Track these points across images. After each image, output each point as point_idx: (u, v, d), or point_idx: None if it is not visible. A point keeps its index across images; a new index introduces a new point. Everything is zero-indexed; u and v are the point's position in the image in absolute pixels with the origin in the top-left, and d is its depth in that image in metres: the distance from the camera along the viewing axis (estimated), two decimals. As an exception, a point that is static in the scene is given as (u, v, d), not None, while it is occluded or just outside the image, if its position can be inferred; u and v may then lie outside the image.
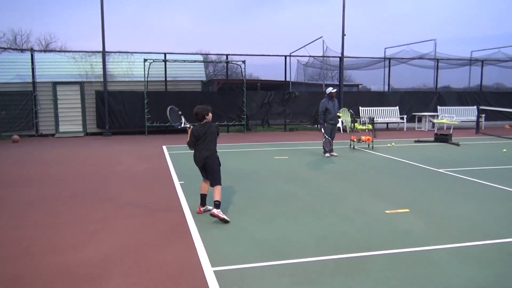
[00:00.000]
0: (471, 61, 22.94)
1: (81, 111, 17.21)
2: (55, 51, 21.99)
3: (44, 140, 15.62)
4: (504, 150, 12.37)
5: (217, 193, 5.77)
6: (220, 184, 5.91)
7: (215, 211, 5.62)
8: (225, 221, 5.58)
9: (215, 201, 5.68)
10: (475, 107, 19.94)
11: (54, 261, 4.42)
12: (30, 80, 16.59)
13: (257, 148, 13.15)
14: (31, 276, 4.08)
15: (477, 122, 18.27)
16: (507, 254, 4.54)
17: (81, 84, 17.10)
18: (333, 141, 11.44)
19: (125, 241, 5.00)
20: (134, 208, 6.42)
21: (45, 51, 28.87)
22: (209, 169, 5.92)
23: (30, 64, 16.63)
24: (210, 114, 6.01)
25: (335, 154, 11.40)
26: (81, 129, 17.25)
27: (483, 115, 19.69)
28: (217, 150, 6.04)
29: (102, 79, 16.85)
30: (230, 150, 12.67)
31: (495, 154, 11.90)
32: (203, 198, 6.12)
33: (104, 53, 16.79)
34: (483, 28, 76.42)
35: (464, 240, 4.92)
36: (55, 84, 16.90)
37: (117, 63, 17.80)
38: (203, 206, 6.12)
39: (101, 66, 16.86)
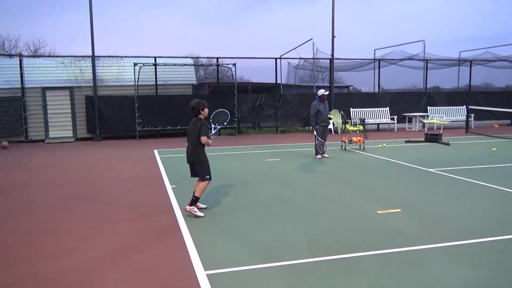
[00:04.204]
0: (459, 62, 23.14)
1: (71, 116, 17.07)
2: (44, 56, 21.87)
3: (34, 146, 15.48)
4: (494, 149, 12.49)
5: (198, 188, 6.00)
6: (206, 180, 6.05)
7: (188, 207, 5.93)
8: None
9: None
10: (464, 107, 20.13)
11: (45, 268, 4.37)
12: (19, 86, 16.45)
13: (249, 151, 13.14)
14: (21, 284, 4.03)
15: (467, 121, 18.43)
16: (498, 252, 4.57)
17: (70, 89, 16.97)
18: (325, 142, 11.47)
19: (117, 246, 4.96)
20: (125, 212, 6.38)
21: (33, 56, 28.66)
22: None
23: (19, 69, 16.48)
24: (206, 110, 6.12)
25: (327, 155, 11.42)
26: (71, 135, 17.11)
27: (472, 115, 19.87)
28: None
29: (92, 84, 16.76)
30: (222, 153, 12.64)
31: (485, 153, 12.00)
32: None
33: (93, 57, 16.69)
34: (471, 29, 77.33)
35: (456, 239, 4.95)
36: (44, 89, 16.76)
37: (107, 68, 17.70)
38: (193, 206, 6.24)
39: (91, 71, 16.76)
